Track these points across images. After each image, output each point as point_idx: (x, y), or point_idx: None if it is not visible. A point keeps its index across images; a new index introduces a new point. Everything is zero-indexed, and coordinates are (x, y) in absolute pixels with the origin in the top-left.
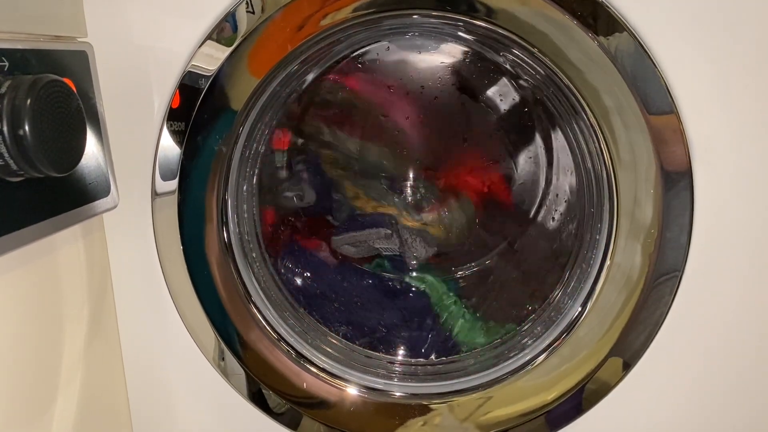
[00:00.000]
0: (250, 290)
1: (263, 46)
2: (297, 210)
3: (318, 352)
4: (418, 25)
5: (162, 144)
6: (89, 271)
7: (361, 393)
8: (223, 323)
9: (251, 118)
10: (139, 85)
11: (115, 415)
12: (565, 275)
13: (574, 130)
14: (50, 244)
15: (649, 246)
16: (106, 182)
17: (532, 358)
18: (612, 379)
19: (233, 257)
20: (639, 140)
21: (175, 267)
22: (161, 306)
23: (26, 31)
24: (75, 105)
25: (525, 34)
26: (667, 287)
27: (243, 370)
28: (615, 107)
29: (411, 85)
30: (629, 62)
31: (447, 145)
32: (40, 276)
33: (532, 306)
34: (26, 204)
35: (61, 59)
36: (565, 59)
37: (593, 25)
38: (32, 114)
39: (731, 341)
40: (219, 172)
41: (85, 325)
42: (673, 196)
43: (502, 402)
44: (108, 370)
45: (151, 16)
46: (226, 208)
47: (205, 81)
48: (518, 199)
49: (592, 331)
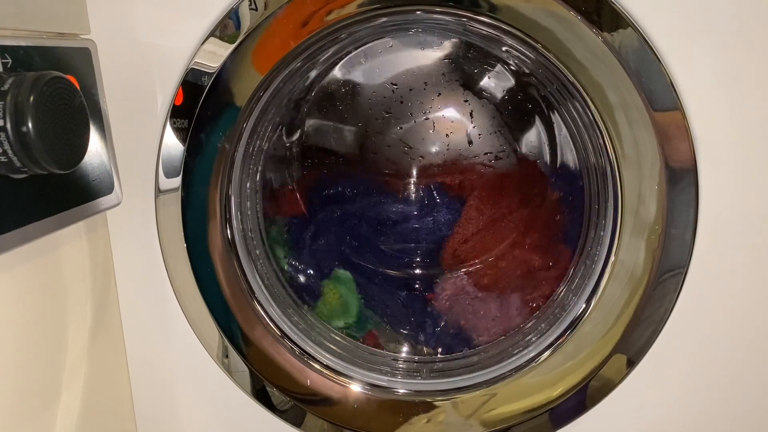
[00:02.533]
0: (253, 287)
1: (266, 43)
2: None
3: (321, 349)
4: (421, 22)
5: (165, 141)
6: (93, 268)
7: (365, 390)
8: (227, 320)
9: (254, 115)
10: (142, 82)
11: (118, 411)
12: (570, 272)
13: (578, 125)
14: (54, 241)
15: (654, 242)
16: (109, 179)
17: (536, 355)
18: (616, 376)
19: (236, 254)
20: (643, 136)
21: (179, 264)
22: (165, 303)
23: (29, 28)
24: (78, 102)
25: (528, 30)
26: (671, 284)
27: (247, 368)
28: (619, 103)
29: (414, 81)
30: (633, 58)
31: (451, 143)
32: (43, 273)
33: None
34: (30, 201)
35: (64, 56)
36: (569, 55)
37: (597, 21)
38: (35, 111)
39: (736, 338)
40: (222, 169)
41: (89, 322)
42: (677, 192)
43: (506, 399)
44: (111, 367)
45: (154, 14)
46: (229, 205)
47: (208, 78)
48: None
49: (596, 328)
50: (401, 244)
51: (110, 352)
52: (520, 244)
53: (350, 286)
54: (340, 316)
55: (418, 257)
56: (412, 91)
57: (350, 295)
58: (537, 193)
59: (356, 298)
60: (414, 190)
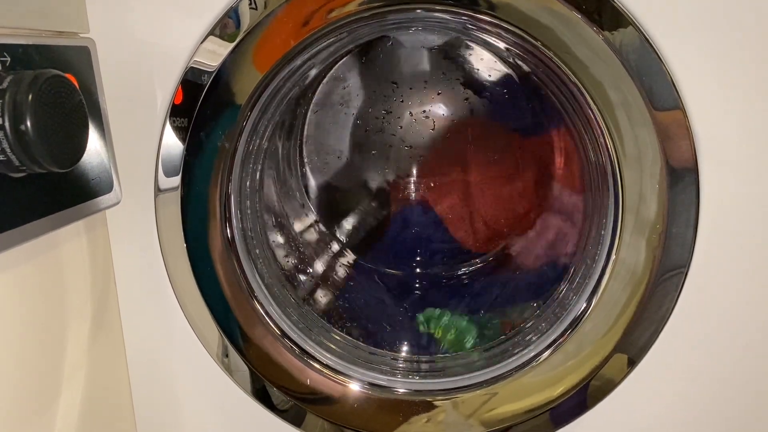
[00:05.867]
0: (253, 286)
1: (266, 42)
2: None
3: (321, 348)
4: (421, 20)
5: (165, 140)
6: (92, 267)
7: (365, 389)
8: (227, 320)
9: (254, 114)
10: (141, 81)
11: (118, 411)
12: (570, 270)
13: (578, 124)
14: (53, 240)
15: (655, 242)
16: (109, 178)
17: (537, 355)
18: (617, 376)
19: (236, 253)
20: (644, 135)
21: (178, 263)
22: (164, 302)
23: (28, 26)
24: (77, 100)
25: (528, 28)
26: (672, 283)
27: (247, 367)
28: (620, 102)
29: (414, 80)
30: (634, 57)
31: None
32: (43, 272)
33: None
34: (29, 200)
35: (64, 55)
36: (569, 53)
37: (598, 20)
38: (34, 109)
39: (737, 337)
40: (222, 168)
41: (89, 321)
42: (678, 191)
43: (506, 398)
44: (111, 366)
45: (153, 12)
46: (229, 204)
47: (207, 77)
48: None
49: (596, 328)
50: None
51: (110, 351)
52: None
53: (443, 316)
54: (465, 341)
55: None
56: (413, 89)
57: (452, 322)
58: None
59: (461, 320)
60: (414, 188)
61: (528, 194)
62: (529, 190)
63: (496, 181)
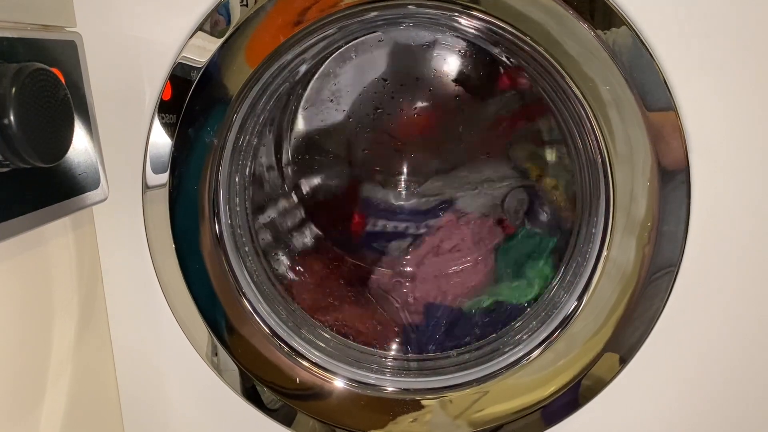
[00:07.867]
0: (242, 284)
1: (256, 37)
2: None
3: (311, 347)
4: (412, 16)
5: (153, 136)
6: (79, 264)
7: (354, 388)
8: (216, 318)
9: (243, 110)
10: (129, 76)
11: (105, 410)
12: (561, 269)
13: (568, 122)
14: (39, 236)
15: (645, 240)
16: (95, 174)
17: (527, 353)
18: (607, 375)
19: (225, 251)
20: (636, 134)
21: (166, 261)
22: (152, 300)
23: (13, 19)
24: (62, 95)
25: (518, 24)
26: (663, 282)
27: (236, 366)
28: (612, 100)
29: (405, 76)
30: (627, 57)
31: (442, 138)
32: (29, 269)
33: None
34: (13, 195)
35: (50, 49)
36: (560, 49)
37: (590, 19)
38: (17, 103)
39: (728, 336)
40: (211, 165)
41: (75, 320)
42: (669, 190)
43: (497, 397)
44: (98, 365)
45: (141, 7)
46: (218, 201)
47: (196, 72)
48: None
49: (587, 326)
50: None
51: (97, 349)
52: None
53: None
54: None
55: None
56: (403, 86)
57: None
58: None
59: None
60: (405, 186)
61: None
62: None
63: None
